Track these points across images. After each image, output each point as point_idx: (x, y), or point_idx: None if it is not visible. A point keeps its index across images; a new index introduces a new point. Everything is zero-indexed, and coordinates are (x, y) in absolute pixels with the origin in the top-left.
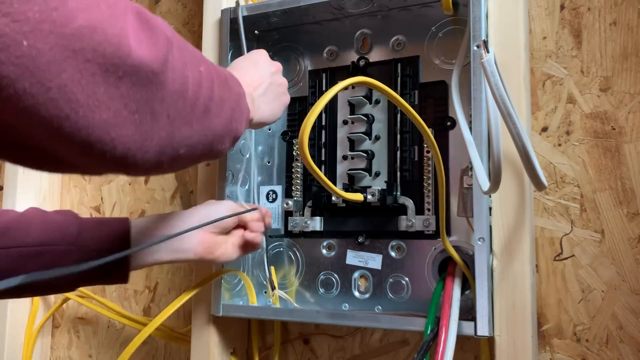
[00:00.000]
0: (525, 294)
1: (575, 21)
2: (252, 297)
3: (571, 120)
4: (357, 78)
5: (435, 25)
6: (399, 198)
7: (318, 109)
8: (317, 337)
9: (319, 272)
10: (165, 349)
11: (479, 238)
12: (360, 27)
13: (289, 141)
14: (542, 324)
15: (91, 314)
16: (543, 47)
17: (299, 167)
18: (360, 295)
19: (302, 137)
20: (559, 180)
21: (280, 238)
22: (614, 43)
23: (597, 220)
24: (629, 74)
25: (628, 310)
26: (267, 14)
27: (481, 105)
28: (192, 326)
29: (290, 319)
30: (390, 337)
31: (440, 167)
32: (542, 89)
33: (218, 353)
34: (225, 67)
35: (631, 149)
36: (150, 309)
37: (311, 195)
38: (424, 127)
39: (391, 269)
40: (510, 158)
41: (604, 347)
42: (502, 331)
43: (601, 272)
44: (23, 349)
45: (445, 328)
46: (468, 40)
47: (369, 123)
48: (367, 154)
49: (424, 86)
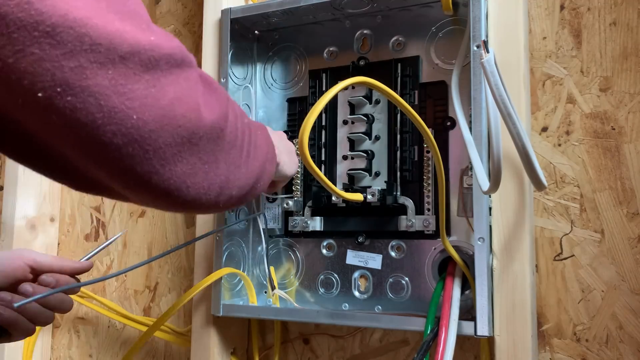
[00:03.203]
0: (525, 294)
1: (575, 21)
2: (252, 297)
3: (571, 120)
4: (357, 78)
5: (435, 25)
6: (399, 198)
7: (318, 109)
8: (317, 337)
9: (319, 272)
10: (165, 349)
11: (479, 238)
12: (360, 27)
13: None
14: (542, 324)
15: (91, 314)
16: (543, 47)
17: (299, 167)
18: (360, 295)
19: (302, 137)
20: (559, 180)
21: (280, 238)
22: (613, 43)
23: (597, 220)
24: (629, 74)
25: (628, 310)
26: (267, 14)
27: (481, 105)
28: (192, 326)
29: (290, 319)
30: (390, 337)
31: (440, 167)
32: (542, 89)
33: (218, 353)
34: (225, 68)
35: (631, 149)
36: (151, 308)
37: (311, 195)
38: (424, 127)
39: (391, 269)
40: (510, 158)
41: (603, 347)
42: (502, 331)
43: (601, 272)
44: (23, 349)
45: (445, 328)
46: (468, 40)
47: (369, 123)
48: (367, 154)
49: (424, 86)
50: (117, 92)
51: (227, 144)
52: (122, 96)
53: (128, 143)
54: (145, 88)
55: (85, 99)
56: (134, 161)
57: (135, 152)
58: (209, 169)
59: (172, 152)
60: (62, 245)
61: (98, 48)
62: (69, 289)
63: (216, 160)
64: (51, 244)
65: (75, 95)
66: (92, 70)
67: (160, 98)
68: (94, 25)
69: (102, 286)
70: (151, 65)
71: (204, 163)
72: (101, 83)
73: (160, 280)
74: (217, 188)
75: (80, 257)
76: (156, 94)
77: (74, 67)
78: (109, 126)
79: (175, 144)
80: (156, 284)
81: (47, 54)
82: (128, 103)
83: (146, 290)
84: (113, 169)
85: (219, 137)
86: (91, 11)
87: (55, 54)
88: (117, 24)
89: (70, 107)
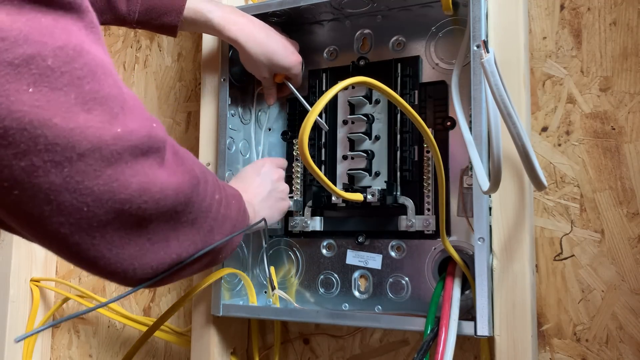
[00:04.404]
0: (525, 293)
1: (575, 21)
2: (252, 297)
3: (571, 120)
4: (357, 78)
5: (435, 25)
6: (399, 198)
7: (318, 109)
8: (317, 337)
9: (319, 272)
10: (165, 349)
11: (479, 238)
12: (360, 27)
13: (289, 141)
14: (542, 324)
15: (91, 314)
16: (543, 47)
17: (299, 167)
18: (360, 295)
19: (302, 137)
20: (559, 180)
21: (280, 238)
22: (614, 43)
23: (597, 220)
24: (628, 74)
25: (628, 310)
26: (267, 14)
27: (481, 105)
28: (192, 326)
29: (290, 319)
30: (390, 337)
31: (440, 167)
32: (542, 89)
33: (218, 353)
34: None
35: (631, 149)
36: (151, 308)
37: (311, 195)
38: (424, 127)
39: (391, 269)
40: (510, 158)
41: (603, 347)
42: (502, 331)
43: (601, 272)
44: (23, 349)
45: (445, 328)
46: (468, 40)
47: (369, 123)
48: (367, 154)
49: (424, 86)
50: (70, 189)
51: (182, 223)
52: (75, 192)
53: (75, 232)
54: (105, 183)
55: (34, 195)
56: (80, 248)
57: (82, 240)
58: (159, 247)
59: (119, 235)
60: None
61: (54, 148)
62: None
63: (167, 239)
64: None
65: (23, 190)
66: (44, 168)
67: (120, 192)
68: (52, 126)
69: (102, 286)
70: (114, 160)
71: (152, 243)
72: (53, 181)
73: None
74: (167, 267)
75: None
76: (117, 188)
77: (24, 166)
78: (56, 217)
79: (124, 229)
80: None
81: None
82: (81, 199)
83: (146, 291)
84: (59, 251)
85: (172, 217)
86: (54, 108)
87: (5, 153)
88: (81, 118)
89: (17, 200)
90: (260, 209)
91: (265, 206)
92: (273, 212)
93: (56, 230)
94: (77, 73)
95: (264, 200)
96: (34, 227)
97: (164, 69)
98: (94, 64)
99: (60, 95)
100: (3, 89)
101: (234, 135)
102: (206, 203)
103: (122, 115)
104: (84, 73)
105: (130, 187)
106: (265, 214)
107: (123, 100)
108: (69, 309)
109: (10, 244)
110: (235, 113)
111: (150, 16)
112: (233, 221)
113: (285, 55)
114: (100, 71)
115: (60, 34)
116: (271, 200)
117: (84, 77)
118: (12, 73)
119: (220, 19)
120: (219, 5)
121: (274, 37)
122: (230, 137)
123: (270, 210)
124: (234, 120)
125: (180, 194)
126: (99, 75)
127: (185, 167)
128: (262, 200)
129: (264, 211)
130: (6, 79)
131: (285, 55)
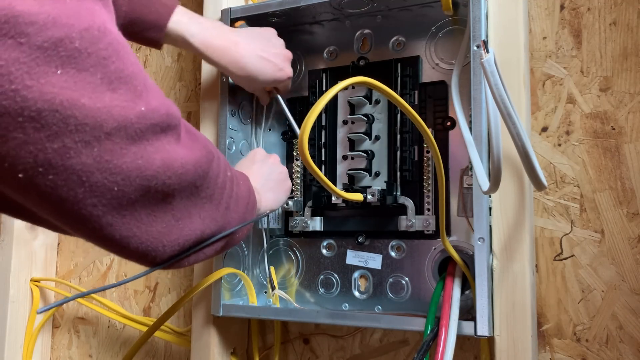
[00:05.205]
0: (525, 294)
1: (575, 21)
2: (252, 297)
3: (571, 120)
4: (357, 78)
5: (435, 25)
6: (399, 198)
7: (318, 109)
8: (317, 337)
9: (319, 272)
10: (165, 349)
11: (479, 238)
12: (360, 27)
13: (289, 141)
14: (542, 324)
15: (91, 314)
16: (543, 47)
17: (299, 167)
18: (360, 295)
19: (302, 137)
20: (559, 180)
21: (280, 238)
22: (613, 43)
23: (597, 220)
24: (628, 74)
25: (628, 310)
26: (267, 14)
27: (481, 105)
28: (192, 326)
29: (290, 319)
30: (390, 337)
31: (440, 167)
32: (542, 89)
33: (218, 353)
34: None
35: (631, 149)
36: (151, 308)
37: (311, 195)
38: (424, 127)
39: (391, 269)
40: (510, 158)
41: (603, 347)
42: (502, 331)
43: (601, 272)
44: (23, 349)
45: (445, 328)
46: (468, 40)
47: (369, 123)
48: (367, 154)
49: (424, 86)
50: (101, 168)
51: (202, 199)
52: (106, 172)
53: (108, 212)
54: (132, 161)
55: (68, 177)
56: (113, 229)
57: (114, 220)
58: (184, 224)
59: (147, 213)
60: (62, 245)
61: (84, 128)
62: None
63: (190, 215)
64: (51, 244)
65: (57, 174)
66: (76, 149)
67: (146, 169)
68: (81, 106)
69: (101, 286)
70: (137, 138)
71: (177, 220)
72: (85, 161)
73: (160, 280)
74: (192, 244)
75: (80, 257)
76: (143, 165)
77: (57, 147)
78: (90, 199)
79: (150, 206)
80: (156, 284)
81: (31, 137)
82: (111, 178)
83: (146, 290)
84: (91, 235)
85: (192, 193)
86: (81, 89)
87: (39, 136)
88: (107, 98)
89: (52, 185)
90: (264, 192)
91: (268, 188)
92: (278, 194)
93: (90, 212)
94: (102, 53)
95: (266, 182)
96: (68, 212)
97: (164, 69)
98: (117, 43)
99: (87, 76)
100: (33, 72)
101: (234, 135)
102: (220, 179)
103: (145, 93)
104: (108, 53)
105: (154, 164)
106: (269, 196)
107: (144, 78)
108: (69, 308)
109: (10, 244)
110: (235, 113)
111: (133, 29)
112: (245, 200)
113: (271, 74)
114: (122, 50)
115: (85, 15)
116: (272, 182)
117: (109, 56)
118: (41, 57)
119: (200, 44)
120: (202, 26)
121: (260, 54)
122: (230, 137)
123: (275, 193)
124: (234, 120)
125: (199, 169)
126: (122, 55)
127: (200, 143)
128: (265, 184)
129: (268, 194)
130: (36, 62)
131: (271, 74)
